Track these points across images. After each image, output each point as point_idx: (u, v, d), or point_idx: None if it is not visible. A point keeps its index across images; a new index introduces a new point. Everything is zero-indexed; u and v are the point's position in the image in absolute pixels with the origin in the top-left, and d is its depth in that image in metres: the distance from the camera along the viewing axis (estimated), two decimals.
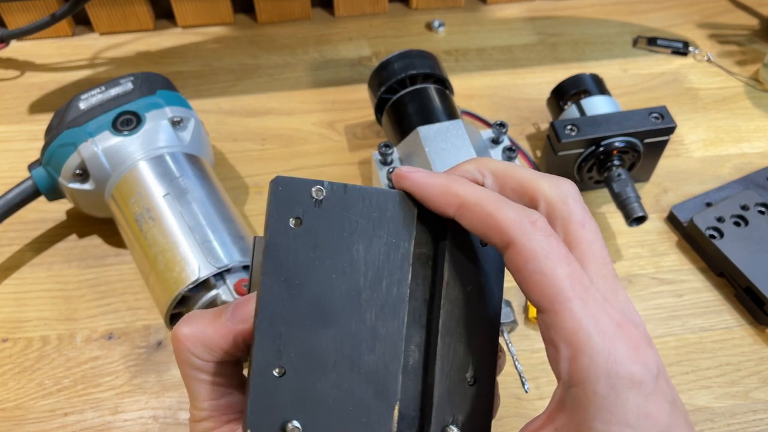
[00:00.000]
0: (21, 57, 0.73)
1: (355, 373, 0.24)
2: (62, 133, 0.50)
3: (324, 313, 0.24)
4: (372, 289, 0.25)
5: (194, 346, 0.26)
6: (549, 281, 0.22)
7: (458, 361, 0.25)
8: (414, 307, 0.26)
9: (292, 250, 0.24)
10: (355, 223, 0.25)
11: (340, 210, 0.25)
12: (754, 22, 0.76)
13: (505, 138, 0.54)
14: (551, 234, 0.23)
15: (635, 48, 0.73)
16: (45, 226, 0.57)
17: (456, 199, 0.24)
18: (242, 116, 0.66)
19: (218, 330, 0.26)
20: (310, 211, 0.25)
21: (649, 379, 0.21)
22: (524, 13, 0.78)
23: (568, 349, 0.22)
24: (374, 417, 0.25)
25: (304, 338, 0.24)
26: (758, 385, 0.47)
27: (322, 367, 0.24)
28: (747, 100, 0.67)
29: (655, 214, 0.57)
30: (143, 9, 0.74)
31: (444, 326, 0.25)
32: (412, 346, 0.26)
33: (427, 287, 0.26)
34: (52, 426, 0.46)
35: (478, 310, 0.26)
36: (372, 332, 0.25)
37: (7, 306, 0.52)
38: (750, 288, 0.50)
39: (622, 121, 0.54)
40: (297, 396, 0.24)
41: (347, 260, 0.25)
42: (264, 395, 0.24)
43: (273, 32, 0.76)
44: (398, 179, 0.26)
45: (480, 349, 0.26)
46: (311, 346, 0.24)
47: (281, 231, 0.24)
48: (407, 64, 0.57)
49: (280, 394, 0.24)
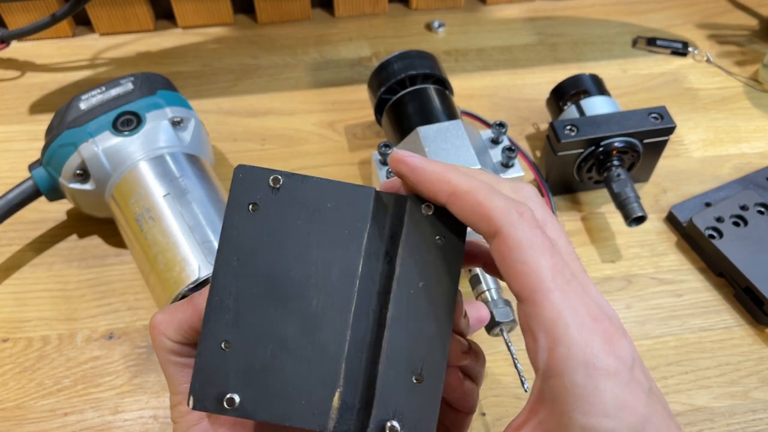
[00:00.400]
0: (21, 57, 0.73)
1: (299, 355, 0.25)
2: (63, 134, 0.50)
3: (273, 295, 0.26)
4: (321, 277, 0.26)
5: (167, 329, 0.27)
6: (531, 271, 0.22)
7: (405, 356, 0.25)
8: (366, 300, 0.26)
9: (247, 233, 0.26)
10: (310, 213, 0.26)
11: (296, 199, 0.26)
12: (753, 23, 0.76)
13: (504, 138, 0.54)
14: (537, 226, 0.23)
15: (635, 48, 0.73)
16: (45, 226, 0.57)
17: (449, 186, 0.25)
18: (242, 116, 0.66)
19: (188, 310, 0.27)
20: (267, 198, 0.26)
21: (624, 369, 0.22)
22: (524, 13, 0.78)
23: (547, 339, 0.22)
24: (314, 400, 0.25)
25: (252, 317, 0.25)
26: (758, 385, 0.47)
27: (267, 345, 0.25)
28: (746, 100, 0.67)
29: (655, 214, 0.57)
30: (143, 9, 0.74)
31: (393, 320, 0.26)
32: (361, 338, 0.26)
33: (381, 282, 0.26)
34: (53, 426, 0.46)
35: (431, 307, 0.26)
36: (318, 318, 0.26)
37: (7, 306, 0.52)
38: (749, 288, 0.50)
39: (621, 122, 0.54)
40: (240, 370, 0.25)
41: (300, 247, 0.26)
42: (209, 366, 0.25)
43: (273, 32, 0.76)
44: (395, 163, 0.26)
45: (430, 346, 0.26)
46: (259, 325, 0.25)
47: (238, 215, 0.26)
48: (407, 64, 0.57)
49: (224, 366, 0.25)
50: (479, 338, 0.49)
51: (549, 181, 0.58)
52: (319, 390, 0.25)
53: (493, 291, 0.45)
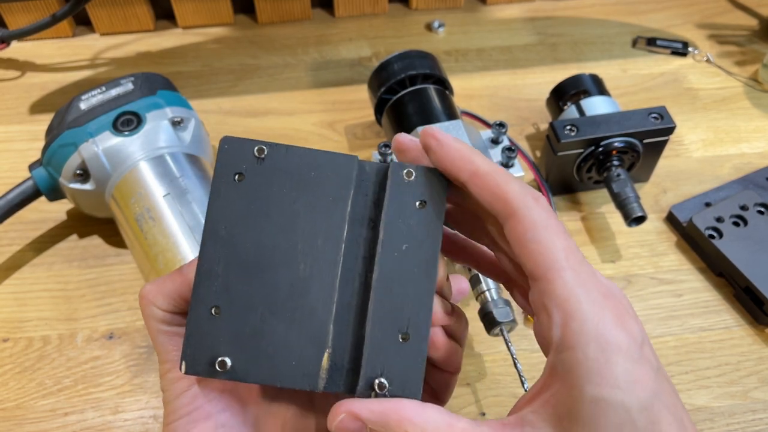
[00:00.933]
0: (22, 57, 0.73)
1: (288, 318, 0.26)
2: (63, 134, 0.50)
3: (261, 261, 0.26)
4: (307, 243, 0.27)
5: (156, 298, 0.28)
6: (546, 250, 0.24)
7: (392, 317, 0.26)
8: (352, 264, 0.27)
9: (234, 202, 0.26)
10: (295, 182, 0.27)
11: (280, 168, 0.27)
12: (753, 23, 0.76)
13: (504, 138, 0.54)
14: (551, 211, 0.25)
15: (635, 48, 0.73)
16: (45, 226, 0.57)
17: (472, 166, 0.26)
18: (242, 116, 0.66)
19: (176, 280, 0.28)
20: (253, 168, 0.27)
21: (634, 346, 0.23)
22: (524, 13, 0.78)
23: (560, 314, 0.23)
24: (304, 361, 0.26)
25: (241, 283, 0.26)
26: (757, 385, 0.47)
27: (257, 310, 0.26)
28: (746, 100, 0.67)
29: (655, 214, 0.58)
30: (144, 9, 0.74)
31: (378, 282, 0.26)
32: (348, 301, 0.27)
33: (366, 246, 0.27)
34: (53, 426, 0.46)
35: (415, 268, 0.27)
36: (306, 282, 0.26)
37: (7, 306, 0.52)
38: (749, 288, 0.50)
39: (621, 122, 0.54)
40: (231, 335, 0.26)
41: (286, 215, 0.27)
42: (200, 331, 0.26)
43: (273, 32, 0.76)
44: (426, 136, 0.27)
45: (415, 306, 0.27)
46: (247, 291, 0.26)
47: (224, 185, 0.26)
48: (407, 64, 0.57)
49: (215, 331, 0.26)
50: (480, 338, 0.49)
51: (549, 181, 0.58)
52: (308, 351, 0.26)
53: (493, 291, 0.45)
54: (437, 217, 0.27)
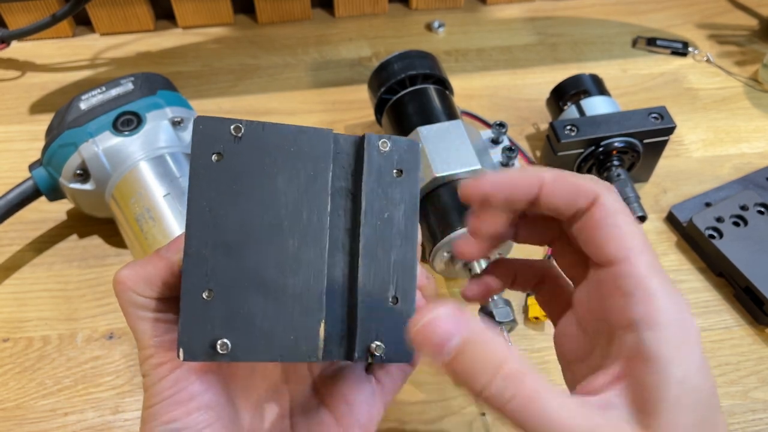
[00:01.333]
0: (22, 57, 0.73)
1: (280, 294, 0.26)
2: (63, 134, 0.50)
3: (248, 240, 0.26)
4: (293, 218, 0.27)
5: (136, 284, 0.27)
6: (626, 235, 0.25)
7: (380, 282, 0.27)
8: (336, 236, 0.28)
9: (215, 182, 0.26)
10: (274, 158, 0.27)
11: (258, 146, 0.27)
12: (753, 23, 0.76)
13: (504, 138, 0.54)
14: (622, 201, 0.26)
15: (635, 48, 0.73)
16: (45, 226, 0.57)
17: (537, 179, 0.26)
18: (242, 116, 0.66)
19: (156, 264, 0.27)
20: (230, 146, 0.26)
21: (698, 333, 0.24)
22: (524, 13, 0.78)
23: (643, 293, 0.23)
24: (301, 334, 0.27)
25: (230, 263, 0.26)
26: (757, 385, 0.47)
27: (249, 289, 0.26)
28: (746, 100, 0.67)
29: (655, 214, 0.58)
30: (144, 9, 0.74)
31: (364, 250, 0.27)
32: (337, 272, 0.27)
33: (348, 218, 0.28)
34: (53, 426, 0.46)
35: (397, 234, 0.28)
36: (295, 257, 0.27)
37: (7, 306, 0.52)
38: (749, 288, 0.50)
39: (621, 122, 0.54)
40: (226, 316, 0.26)
41: (268, 191, 0.26)
42: (194, 316, 0.25)
43: (273, 32, 0.76)
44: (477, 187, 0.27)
45: (401, 270, 0.28)
46: (238, 270, 0.26)
47: (203, 165, 0.26)
48: (407, 64, 0.57)
49: (210, 314, 0.25)
50: None
51: None
52: (304, 325, 0.27)
53: None
54: (413, 183, 0.28)
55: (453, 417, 0.45)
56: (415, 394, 0.46)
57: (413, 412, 0.46)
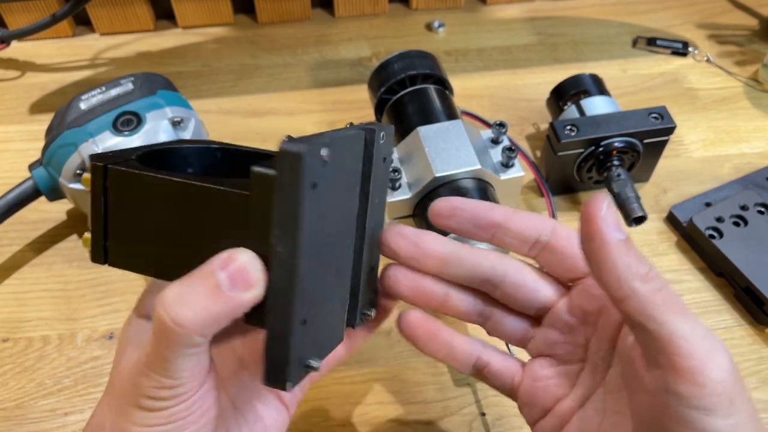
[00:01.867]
0: (21, 57, 0.73)
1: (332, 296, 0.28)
2: (63, 134, 0.50)
3: (324, 260, 0.26)
4: (341, 225, 0.27)
5: (203, 329, 0.24)
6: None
7: (368, 259, 0.30)
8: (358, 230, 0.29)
9: (313, 214, 0.24)
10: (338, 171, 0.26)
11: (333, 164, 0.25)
12: (753, 23, 0.76)
13: (504, 138, 0.54)
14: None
15: (635, 48, 0.73)
16: (45, 226, 0.57)
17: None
18: (243, 116, 0.66)
19: (226, 305, 0.23)
20: (321, 173, 0.24)
21: None
22: (524, 13, 0.78)
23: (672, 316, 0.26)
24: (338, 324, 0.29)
25: (319, 288, 0.26)
26: (757, 385, 0.47)
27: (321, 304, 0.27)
28: (746, 100, 0.67)
29: (655, 214, 0.57)
30: (144, 9, 0.74)
31: (368, 236, 0.30)
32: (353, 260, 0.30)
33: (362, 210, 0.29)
34: (53, 426, 0.46)
35: (381, 214, 0.31)
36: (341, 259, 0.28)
37: (7, 306, 0.52)
38: (749, 288, 0.50)
39: (621, 122, 0.54)
40: (313, 335, 0.26)
41: (337, 206, 0.27)
42: (297, 349, 0.25)
43: (273, 32, 0.76)
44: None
45: (376, 246, 0.31)
46: (322, 292, 0.27)
47: (308, 201, 0.23)
48: (407, 64, 0.57)
49: (305, 339, 0.26)
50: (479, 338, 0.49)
51: (549, 181, 0.58)
52: (340, 317, 0.29)
53: None
54: (389, 166, 0.31)
55: (453, 417, 0.45)
56: (416, 394, 0.46)
57: (413, 412, 0.46)
